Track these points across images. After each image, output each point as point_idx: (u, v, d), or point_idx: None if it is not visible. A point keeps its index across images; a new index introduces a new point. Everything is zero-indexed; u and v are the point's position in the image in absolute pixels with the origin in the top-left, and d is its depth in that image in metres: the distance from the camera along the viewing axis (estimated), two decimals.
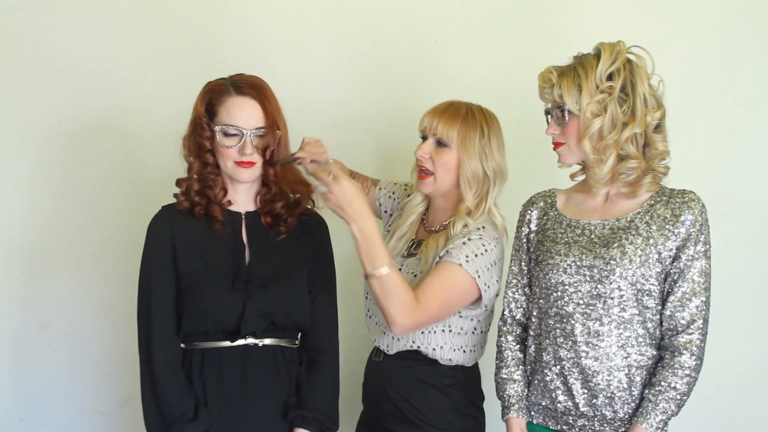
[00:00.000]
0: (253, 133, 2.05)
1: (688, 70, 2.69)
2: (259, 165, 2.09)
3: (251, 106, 2.06)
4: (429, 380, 2.21)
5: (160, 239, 2.08)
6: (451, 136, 2.19)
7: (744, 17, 2.70)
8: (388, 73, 2.85)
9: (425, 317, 2.10)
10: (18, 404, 2.92)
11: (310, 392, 2.09)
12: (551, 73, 2.06)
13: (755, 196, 2.70)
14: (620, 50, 2.03)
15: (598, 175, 2.05)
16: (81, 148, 2.90)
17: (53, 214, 2.91)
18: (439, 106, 2.25)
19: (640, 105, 2.01)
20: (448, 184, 2.23)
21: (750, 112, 2.70)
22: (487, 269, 2.15)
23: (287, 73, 2.83)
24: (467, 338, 2.23)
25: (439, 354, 2.20)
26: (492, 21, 2.81)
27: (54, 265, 2.91)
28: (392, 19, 2.85)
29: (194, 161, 2.10)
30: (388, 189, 2.48)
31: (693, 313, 1.99)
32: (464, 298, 2.16)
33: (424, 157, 2.22)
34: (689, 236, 2.00)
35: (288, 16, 2.88)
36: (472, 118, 2.21)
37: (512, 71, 2.77)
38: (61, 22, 2.88)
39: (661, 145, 2.05)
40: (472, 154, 2.19)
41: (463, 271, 2.12)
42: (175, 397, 2.02)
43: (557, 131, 2.08)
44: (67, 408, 2.93)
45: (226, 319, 2.03)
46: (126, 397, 2.91)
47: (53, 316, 2.92)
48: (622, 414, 2.03)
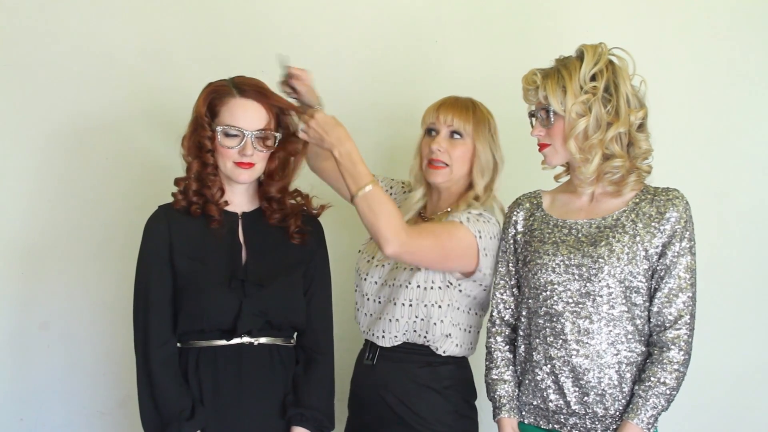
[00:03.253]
0: (254, 135, 2.07)
1: (686, 70, 2.69)
2: (259, 167, 2.11)
3: (254, 108, 2.08)
4: (427, 383, 2.20)
5: (157, 238, 2.09)
6: (466, 128, 2.26)
7: (745, 16, 2.70)
8: (387, 72, 2.85)
9: (418, 245, 2.09)
10: (18, 404, 2.91)
11: (307, 391, 2.09)
12: (535, 75, 2.09)
13: (755, 196, 2.70)
14: (602, 52, 2.07)
15: (584, 174, 2.08)
16: (80, 148, 2.90)
17: (53, 214, 2.91)
18: (447, 100, 2.30)
19: (624, 105, 2.04)
20: (462, 174, 2.28)
21: (750, 112, 2.70)
22: (489, 238, 2.19)
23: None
24: (466, 317, 2.23)
25: (440, 329, 2.19)
26: (492, 21, 2.82)
27: (54, 265, 2.91)
28: (392, 20, 2.85)
29: (193, 161, 2.11)
30: (385, 184, 2.48)
31: (680, 308, 2.00)
32: (464, 253, 2.16)
33: (441, 149, 2.25)
34: (675, 233, 2.02)
35: (288, 16, 2.88)
36: (480, 110, 2.30)
37: (512, 71, 2.74)
38: (60, 21, 2.89)
39: (645, 143, 2.08)
40: (485, 143, 2.27)
41: (463, 228, 2.15)
42: (172, 396, 2.02)
43: (542, 133, 2.11)
44: (66, 408, 2.92)
45: (222, 318, 2.04)
46: (125, 397, 2.91)
47: (53, 316, 2.91)
48: (613, 411, 2.04)
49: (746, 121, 2.71)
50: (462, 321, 2.23)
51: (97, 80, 2.89)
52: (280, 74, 2.25)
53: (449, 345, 2.21)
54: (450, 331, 2.20)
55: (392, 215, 2.05)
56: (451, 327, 2.20)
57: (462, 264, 2.18)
